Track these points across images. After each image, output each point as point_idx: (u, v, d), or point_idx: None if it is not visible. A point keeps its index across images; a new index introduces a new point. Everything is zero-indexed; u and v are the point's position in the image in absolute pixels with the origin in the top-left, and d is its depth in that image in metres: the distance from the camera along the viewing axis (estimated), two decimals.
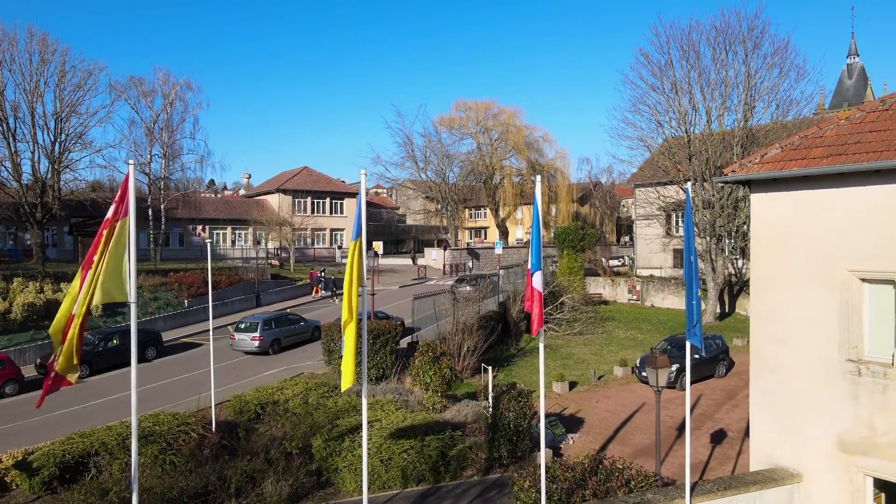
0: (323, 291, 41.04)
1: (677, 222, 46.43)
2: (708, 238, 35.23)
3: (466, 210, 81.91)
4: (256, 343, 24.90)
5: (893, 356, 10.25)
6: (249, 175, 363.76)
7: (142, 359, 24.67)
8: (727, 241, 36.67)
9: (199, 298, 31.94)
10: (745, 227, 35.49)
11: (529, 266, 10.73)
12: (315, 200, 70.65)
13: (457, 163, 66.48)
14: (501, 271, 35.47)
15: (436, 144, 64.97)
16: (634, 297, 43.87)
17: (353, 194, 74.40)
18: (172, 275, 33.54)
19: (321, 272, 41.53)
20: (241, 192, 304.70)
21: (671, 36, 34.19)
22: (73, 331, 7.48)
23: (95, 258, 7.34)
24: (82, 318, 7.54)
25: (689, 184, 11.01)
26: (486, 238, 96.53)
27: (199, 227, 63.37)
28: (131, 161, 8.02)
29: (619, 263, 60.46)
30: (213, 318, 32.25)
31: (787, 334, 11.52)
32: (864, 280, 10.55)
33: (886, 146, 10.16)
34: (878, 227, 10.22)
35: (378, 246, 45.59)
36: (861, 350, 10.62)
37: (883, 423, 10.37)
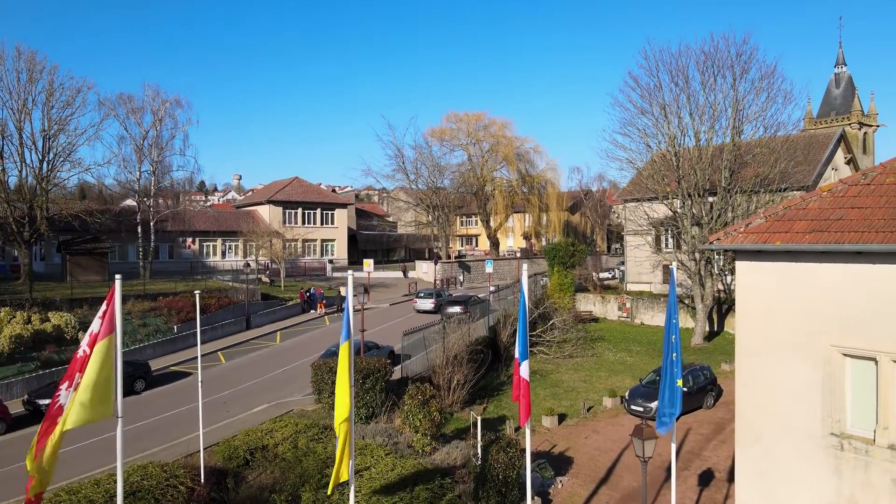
0: (314, 311, 40.97)
1: (666, 239, 46.64)
2: (696, 259, 35.44)
3: (458, 218, 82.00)
4: None
5: (875, 432, 10.40)
6: (240, 176, 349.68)
7: (130, 391, 24.57)
8: (716, 260, 36.88)
9: (189, 323, 31.82)
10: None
11: (517, 354, 10.77)
12: (306, 211, 70.48)
13: (448, 174, 66.59)
14: (491, 295, 35.48)
15: (427, 157, 65.05)
16: (624, 315, 44.07)
17: (344, 205, 74.40)
18: (162, 299, 33.39)
19: (308, 291, 41.45)
20: (232, 194, 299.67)
21: (660, 60, 34.39)
22: (51, 449, 7.25)
23: (79, 377, 7.19)
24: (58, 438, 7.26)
25: (674, 264, 11.10)
26: (477, 245, 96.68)
27: (189, 240, 63.15)
28: (118, 276, 8.00)
29: (610, 276, 60.70)
30: (203, 342, 32.16)
31: (771, 403, 11.65)
32: (846, 355, 10.68)
33: (867, 226, 10.29)
34: (860, 304, 10.35)
35: (368, 263, 45.69)
36: (844, 424, 10.75)
37: (865, 500, 10.52)
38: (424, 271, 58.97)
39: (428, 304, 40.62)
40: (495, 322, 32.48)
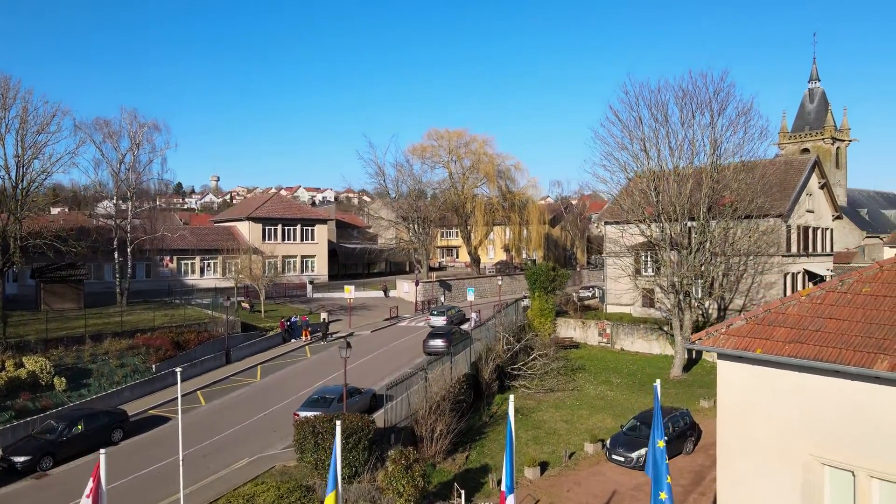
0: (294, 340, 40.70)
1: (646, 262, 47.09)
2: (676, 290, 35.85)
3: (438, 230, 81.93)
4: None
5: None
6: (218, 178, 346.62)
7: (108, 442, 24.18)
8: (695, 289, 37.23)
9: (168, 362, 31.41)
10: (713, 268, 36.17)
11: (503, 487, 10.80)
12: (286, 227, 70.10)
13: (429, 191, 66.58)
14: (473, 326, 35.49)
15: (407, 174, 65.02)
16: (605, 340, 44.44)
17: (325, 220, 74.02)
18: (139, 336, 32.90)
19: (288, 320, 41.13)
20: (210, 196, 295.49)
21: (640, 95, 34.73)
22: None
23: None
24: None
25: (657, 382, 11.22)
26: (457, 257, 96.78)
27: (167, 259, 62.42)
28: (103, 451, 7.87)
29: (590, 295, 61.14)
30: (182, 380, 31.75)
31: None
32: (825, 464, 10.90)
33: (845, 342, 10.50)
34: (839, 418, 10.57)
35: (349, 289, 45.50)
36: None
37: None
38: (406, 291, 58.88)
39: (441, 320, 44.97)
40: (476, 357, 32.54)
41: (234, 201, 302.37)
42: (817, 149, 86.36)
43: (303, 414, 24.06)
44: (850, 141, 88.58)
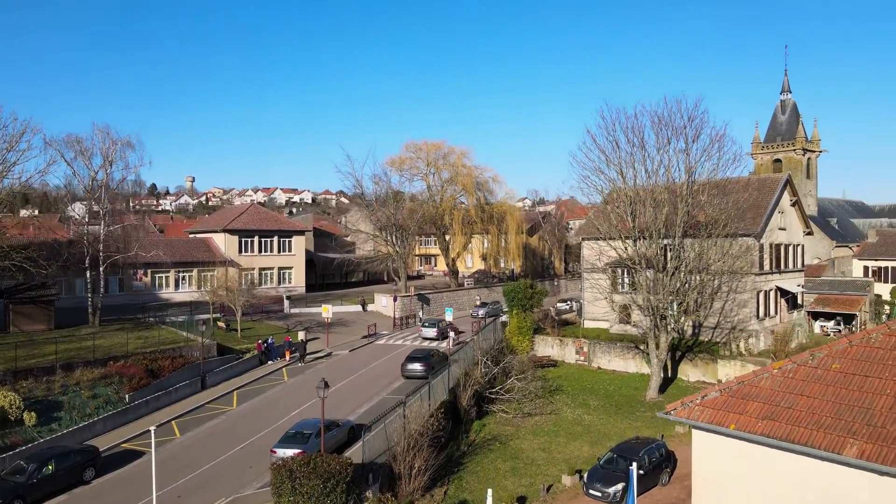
0: (271, 363, 40.34)
1: (622, 278, 47.50)
2: (651, 315, 36.24)
3: (416, 238, 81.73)
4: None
5: None
6: (193, 178, 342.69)
7: (80, 482, 23.74)
8: (672, 311, 37.54)
9: (142, 391, 30.91)
10: (689, 290, 36.59)
11: None
12: (262, 239, 69.47)
13: (407, 201, 66.41)
14: (453, 353, 35.47)
15: (386, 186, 64.90)
16: (582, 359, 44.79)
17: (302, 231, 73.47)
18: (112, 364, 32.29)
19: (265, 342, 40.73)
20: (185, 198, 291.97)
21: (617, 121, 35.05)
22: None
23: None
24: None
25: (633, 465, 11.31)
26: (435, 266, 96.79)
27: (141, 272, 61.43)
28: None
29: (568, 307, 61.53)
30: (157, 409, 31.36)
31: None
32: None
33: (815, 422, 10.70)
34: (813, 497, 10.77)
35: (327, 308, 45.24)
36: None
37: None
38: (384, 305, 58.70)
39: (432, 332, 47.84)
40: (455, 384, 32.54)
41: (210, 203, 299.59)
42: (789, 159, 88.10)
43: (280, 451, 23.86)
44: (820, 152, 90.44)
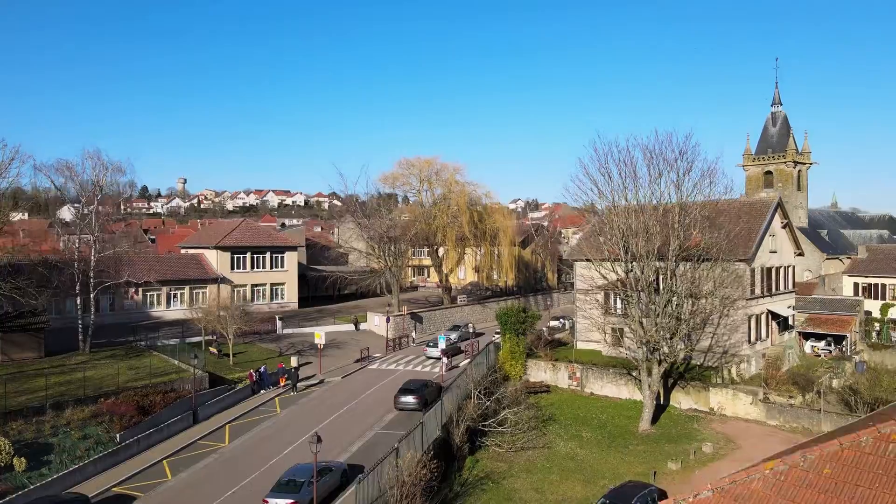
0: (263, 391, 40.20)
1: (615, 301, 47.60)
2: (643, 346, 36.37)
3: (409, 249, 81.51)
4: None
5: None
6: (185, 180, 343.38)
7: None
8: (665, 345, 37.40)
9: (133, 429, 30.72)
10: (682, 319, 36.70)
11: None
12: (255, 255, 69.21)
13: (400, 217, 66.31)
14: (445, 387, 35.41)
15: (379, 202, 64.74)
16: (574, 384, 44.85)
17: (294, 247, 73.26)
18: (103, 401, 32.07)
19: (258, 371, 40.56)
20: (177, 201, 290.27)
21: (609, 155, 35.17)
22: None
23: None
24: None
25: None
26: (428, 277, 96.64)
27: (132, 291, 61.08)
28: None
29: (560, 325, 61.67)
30: (148, 447, 31.26)
31: None
32: None
33: None
34: None
35: (319, 335, 45.11)
36: None
37: None
38: (376, 324, 58.61)
39: (436, 352, 47.88)
40: (447, 419, 32.52)
41: (202, 205, 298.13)
42: (780, 171, 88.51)
43: (272, 501, 23.79)
44: (810, 164, 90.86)
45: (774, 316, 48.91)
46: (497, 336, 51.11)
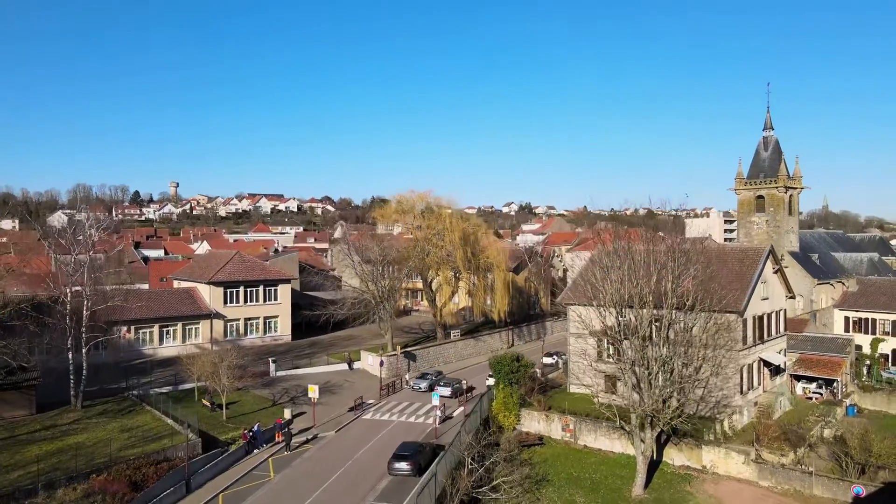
0: (257, 451, 40.08)
1: (608, 347, 47.77)
2: (638, 419, 36.58)
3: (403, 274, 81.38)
4: None
5: None
6: (177, 184, 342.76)
7: None
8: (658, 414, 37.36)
9: None
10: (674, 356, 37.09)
11: None
12: (248, 289, 69.04)
13: (394, 253, 66.26)
14: (438, 459, 35.32)
15: (373, 246, 64.85)
16: (568, 436, 44.96)
17: (287, 280, 73.14)
18: (95, 478, 31.82)
19: (251, 431, 40.38)
20: (169, 207, 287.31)
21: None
22: None
23: None
24: None
25: None
26: (422, 300, 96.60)
27: (124, 330, 60.86)
28: None
29: (553, 363, 61.83)
30: None
31: None
32: None
33: None
34: None
35: (313, 389, 45.02)
36: None
37: None
38: (370, 363, 58.61)
39: (423, 384, 53.31)
40: (440, 492, 32.54)
41: (195, 211, 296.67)
42: (772, 196, 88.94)
43: None
44: (801, 188, 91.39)
45: (767, 364, 49.20)
46: (491, 380, 51.24)
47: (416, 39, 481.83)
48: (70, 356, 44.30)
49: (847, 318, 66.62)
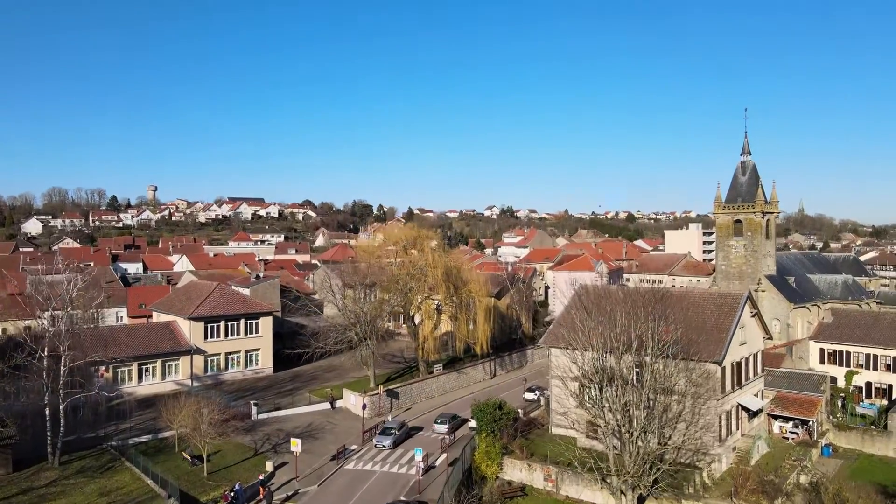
0: None
1: (590, 391, 48.14)
2: (618, 481, 37.01)
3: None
4: None
5: None
6: (156, 188, 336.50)
7: None
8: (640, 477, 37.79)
9: None
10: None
11: None
12: (228, 323, 68.46)
13: (376, 290, 66.18)
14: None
15: (356, 273, 64.69)
16: (550, 486, 45.31)
17: (269, 313, 72.61)
18: None
19: (232, 491, 40.04)
20: (147, 213, 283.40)
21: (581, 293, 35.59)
22: None
23: None
24: None
25: None
26: (404, 323, 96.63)
27: (102, 369, 59.94)
28: None
29: (535, 398, 62.23)
30: None
31: None
32: None
33: None
34: None
35: (296, 443, 44.79)
36: None
37: None
38: (353, 403, 58.48)
39: (386, 442, 50.31)
40: None
41: (174, 217, 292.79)
42: (749, 221, 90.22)
43: None
44: (778, 213, 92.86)
45: (745, 409, 49.98)
46: (473, 421, 51.54)
47: (397, 37, 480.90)
48: (46, 398, 43.51)
49: (822, 350, 67.86)
